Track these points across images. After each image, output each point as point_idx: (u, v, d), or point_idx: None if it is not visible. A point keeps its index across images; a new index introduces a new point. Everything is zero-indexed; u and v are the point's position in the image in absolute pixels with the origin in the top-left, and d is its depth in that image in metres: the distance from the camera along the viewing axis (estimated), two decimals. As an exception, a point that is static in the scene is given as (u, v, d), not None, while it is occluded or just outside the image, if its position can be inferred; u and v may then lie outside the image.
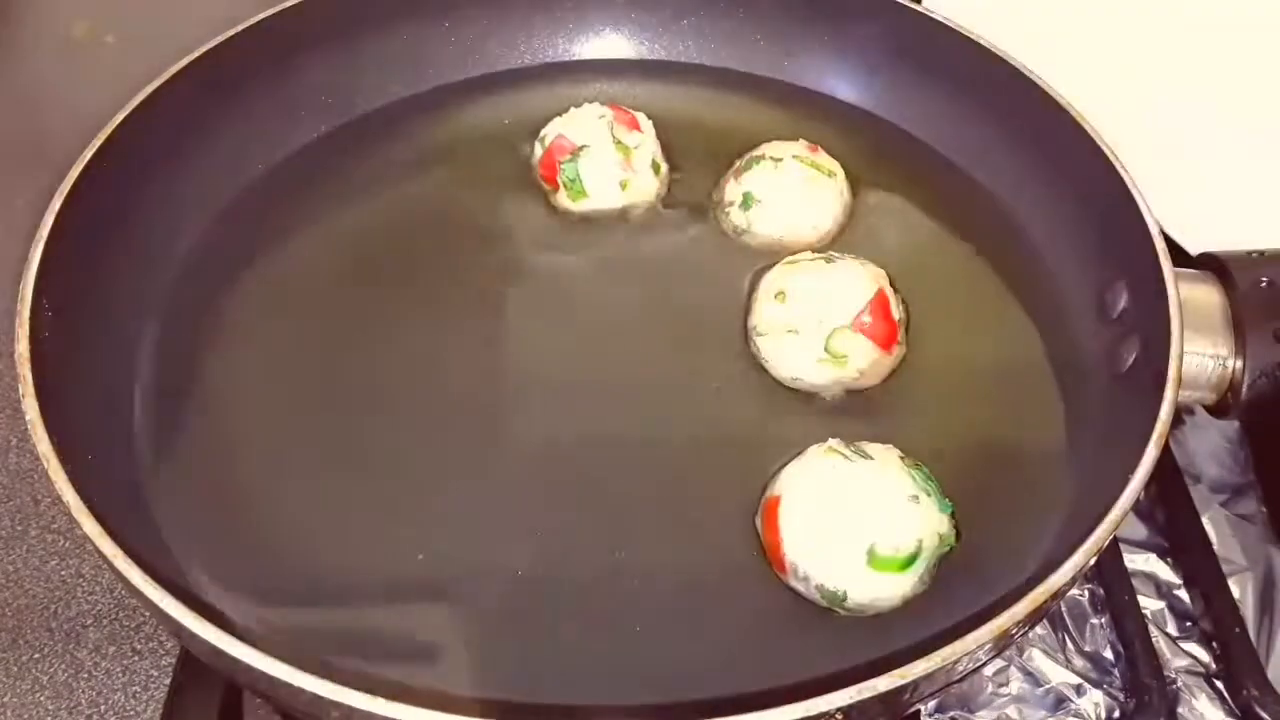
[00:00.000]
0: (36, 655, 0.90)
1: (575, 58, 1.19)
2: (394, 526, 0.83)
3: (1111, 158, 0.93)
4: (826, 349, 0.89)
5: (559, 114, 1.07)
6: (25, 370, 0.78)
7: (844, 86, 1.15)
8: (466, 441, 0.88)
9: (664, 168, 1.06)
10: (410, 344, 0.94)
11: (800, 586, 0.78)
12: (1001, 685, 0.88)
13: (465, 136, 1.07)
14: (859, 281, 0.90)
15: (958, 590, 0.78)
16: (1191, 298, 0.85)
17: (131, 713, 0.88)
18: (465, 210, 1.04)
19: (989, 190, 1.06)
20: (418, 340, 0.94)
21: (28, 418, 0.75)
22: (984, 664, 0.76)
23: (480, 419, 0.89)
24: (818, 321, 0.89)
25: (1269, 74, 1.27)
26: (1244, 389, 0.85)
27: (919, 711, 0.86)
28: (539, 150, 1.05)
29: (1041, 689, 0.88)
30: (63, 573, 0.95)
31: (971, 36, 1.05)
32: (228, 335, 0.94)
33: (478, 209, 1.05)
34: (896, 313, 0.91)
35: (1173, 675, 0.89)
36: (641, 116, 1.06)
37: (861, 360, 0.89)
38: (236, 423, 0.89)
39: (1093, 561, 0.71)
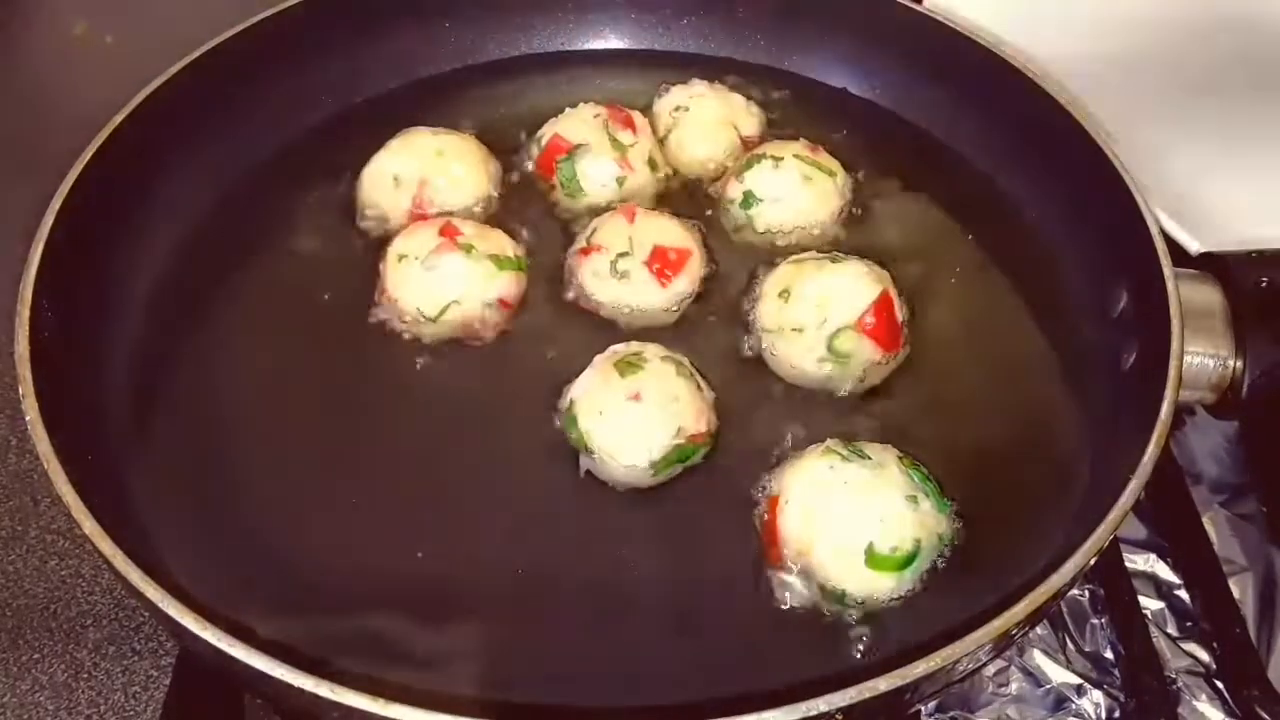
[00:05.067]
0: (36, 655, 0.90)
1: (574, 56, 1.19)
2: (392, 525, 0.83)
3: (1112, 158, 0.93)
4: (829, 349, 0.89)
5: (556, 110, 1.07)
6: (25, 370, 0.78)
7: (847, 83, 1.15)
8: (465, 438, 0.88)
9: (661, 165, 1.06)
10: (408, 340, 0.94)
11: (799, 585, 0.78)
12: (1002, 685, 0.88)
13: (462, 130, 1.07)
14: (863, 282, 0.90)
15: (958, 590, 0.78)
16: (1192, 298, 0.85)
17: (131, 713, 0.88)
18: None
19: (991, 189, 1.06)
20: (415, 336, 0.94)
21: (28, 418, 0.75)
22: (984, 664, 0.76)
23: (479, 415, 0.89)
24: (821, 321, 0.89)
25: (1269, 75, 1.27)
26: (1244, 389, 0.85)
27: (919, 711, 0.86)
28: (536, 150, 1.06)
29: (1042, 689, 0.88)
30: (62, 573, 0.95)
31: (971, 36, 1.05)
32: (228, 334, 0.94)
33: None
34: (900, 314, 0.91)
35: (1173, 675, 0.89)
36: (637, 115, 1.06)
37: (864, 360, 0.89)
38: (236, 422, 0.89)
39: (1093, 562, 0.71)
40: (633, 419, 0.83)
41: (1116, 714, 0.87)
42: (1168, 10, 1.33)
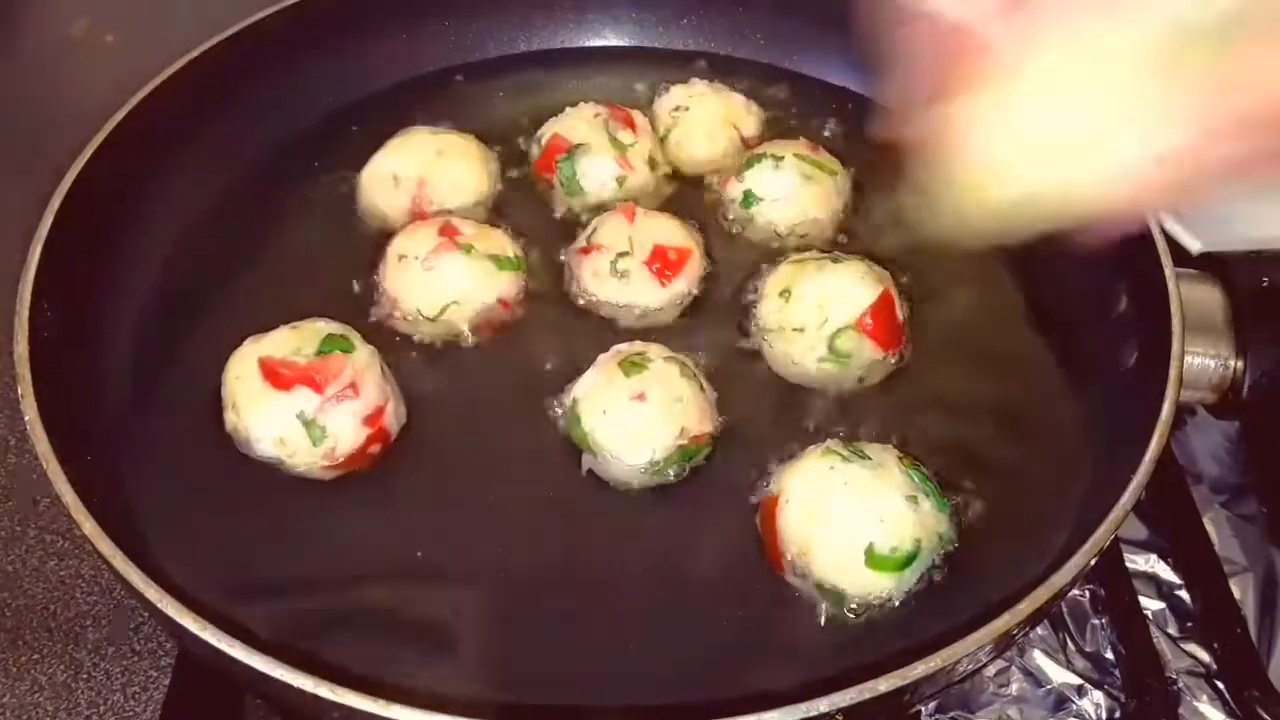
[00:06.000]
0: (36, 655, 0.90)
1: (574, 55, 1.19)
2: (392, 525, 0.83)
3: (1112, 157, 0.93)
4: (830, 349, 0.88)
5: (556, 109, 1.07)
6: (24, 370, 0.78)
7: (848, 82, 1.15)
8: (465, 438, 0.88)
9: (661, 164, 1.06)
10: (408, 339, 0.94)
11: (799, 585, 0.78)
12: (1002, 685, 0.88)
13: (461, 129, 1.07)
14: (864, 282, 0.90)
15: (958, 590, 0.78)
16: (1192, 298, 0.85)
17: (131, 713, 0.88)
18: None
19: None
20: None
21: (27, 418, 0.75)
22: (985, 664, 0.76)
23: (479, 415, 0.89)
24: (822, 321, 0.89)
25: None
26: (1245, 389, 0.85)
27: (919, 711, 0.85)
28: (536, 150, 1.06)
29: (1042, 689, 0.88)
30: (61, 573, 0.95)
31: (972, 36, 1.05)
32: (228, 334, 0.94)
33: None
34: (900, 314, 0.91)
35: (1173, 675, 0.89)
36: (637, 115, 1.06)
37: (864, 360, 0.89)
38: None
39: (1093, 562, 0.71)
40: (637, 419, 0.83)
41: (1117, 714, 0.87)
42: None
